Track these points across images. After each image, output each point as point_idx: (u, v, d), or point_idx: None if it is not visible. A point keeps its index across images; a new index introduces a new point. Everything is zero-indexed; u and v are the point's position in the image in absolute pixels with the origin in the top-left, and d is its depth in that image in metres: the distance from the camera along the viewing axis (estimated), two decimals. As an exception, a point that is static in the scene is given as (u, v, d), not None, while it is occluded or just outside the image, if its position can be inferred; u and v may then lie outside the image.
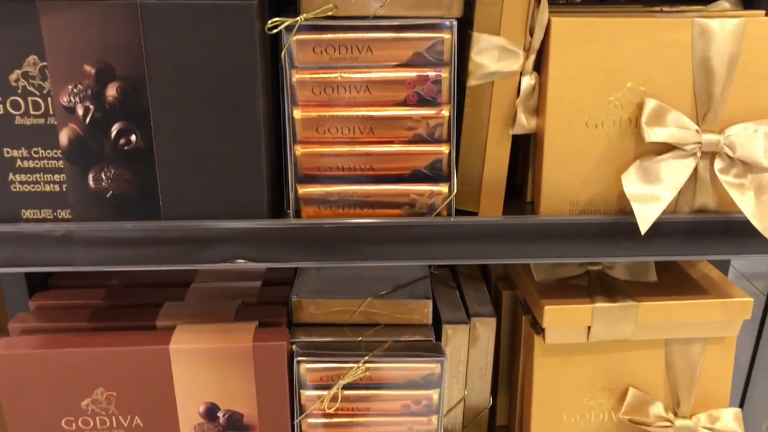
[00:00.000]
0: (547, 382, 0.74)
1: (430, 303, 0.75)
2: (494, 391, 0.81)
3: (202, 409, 0.70)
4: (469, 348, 0.77)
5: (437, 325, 0.76)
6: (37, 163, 0.59)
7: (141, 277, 0.80)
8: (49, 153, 0.59)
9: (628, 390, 0.74)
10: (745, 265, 1.13)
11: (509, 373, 0.83)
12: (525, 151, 0.70)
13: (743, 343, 0.83)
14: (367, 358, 0.70)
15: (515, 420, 0.82)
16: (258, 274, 0.81)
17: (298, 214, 0.63)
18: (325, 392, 0.70)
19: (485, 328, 0.76)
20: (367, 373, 0.70)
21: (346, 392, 0.71)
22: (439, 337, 0.75)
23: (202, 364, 0.69)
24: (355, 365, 0.70)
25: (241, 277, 0.81)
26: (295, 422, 0.72)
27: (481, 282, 0.85)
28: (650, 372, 0.75)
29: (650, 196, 0.61)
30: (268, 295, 0.78)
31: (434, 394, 0.72)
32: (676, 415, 0.75)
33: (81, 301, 0.76)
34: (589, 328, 0.71)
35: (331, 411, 0.71)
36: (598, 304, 0.70)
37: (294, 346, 0.71)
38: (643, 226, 0.60)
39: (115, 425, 0.70)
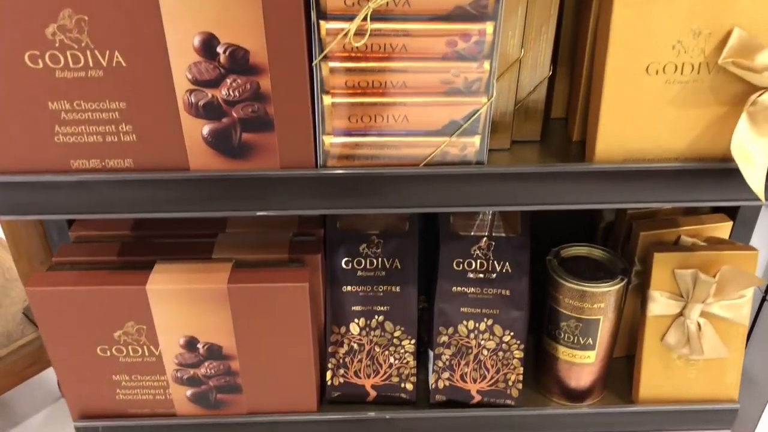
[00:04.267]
0: (628, 22, 0.57)
1: None
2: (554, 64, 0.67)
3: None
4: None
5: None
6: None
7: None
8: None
9: (731, 31, 0.57)
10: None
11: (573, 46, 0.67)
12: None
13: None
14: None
15: (577, 96, 0.66)
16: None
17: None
18: (349, 24, 0.54)
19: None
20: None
21: (377, 25, 0.55)
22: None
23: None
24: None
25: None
26: (313, 64, 0.57)
27: None
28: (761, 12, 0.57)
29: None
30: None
31: (488, 27, 0.55)
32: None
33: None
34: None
35: (358, 48, 0.56)
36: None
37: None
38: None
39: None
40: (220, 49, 0.55)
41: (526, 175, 0.61)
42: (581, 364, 0.78)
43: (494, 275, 0.76)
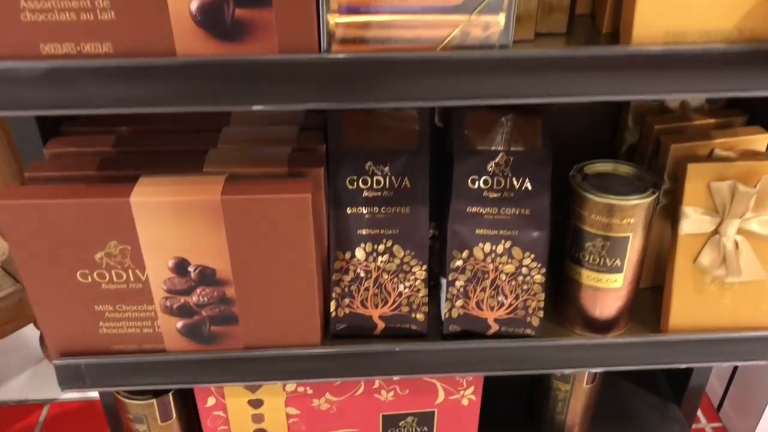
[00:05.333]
0: None
1: None
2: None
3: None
4: None
5: None
6: None
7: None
8: None
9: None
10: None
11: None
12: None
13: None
14: None
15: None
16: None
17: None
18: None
19: None
20: None
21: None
22: None
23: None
24: None
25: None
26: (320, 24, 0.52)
27: None
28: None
29: None
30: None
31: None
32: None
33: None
34: None
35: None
36: None
37: None
38: None
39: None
40: None
41: (559, 61, 0.54)
42: (607, 289, 0.71)
43: (512, 193, 0.70)
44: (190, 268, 0.65)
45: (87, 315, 0.68)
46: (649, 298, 0.79)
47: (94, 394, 1.20)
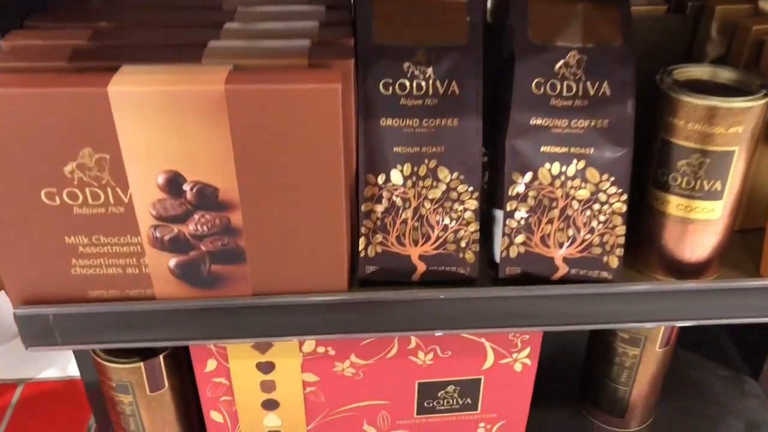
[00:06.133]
0: None
1: None
2: None
3: None
4: None
5: None
6: None
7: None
8: None
9: None
10: None
11: None
12: None
13: None
14: None
15: None
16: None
17: None
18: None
19: None
20: None
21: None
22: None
23: None
24: None
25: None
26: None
27: None
28: None
29: None
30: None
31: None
32: None
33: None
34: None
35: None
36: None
37: None
38: None
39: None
40: None
41: None
42: (700, 221, 0.58)
43: (587, 101, 0.56)
44: (186, 187, 0.51)
45: (55, 250, 0.54)
46: (739, 242, 0.66)
47: (74, 372, 1.06)
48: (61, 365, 1.07)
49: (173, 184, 0.51)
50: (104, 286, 0.56)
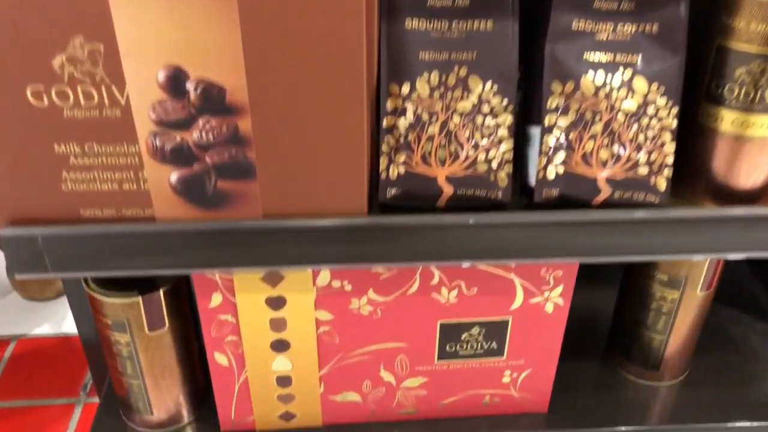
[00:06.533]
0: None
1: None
2: None
3: None
4: None
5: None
6: None
7: None
8: None
9: None
10: None
11: None
12: None
13: None
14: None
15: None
16: None
17: None
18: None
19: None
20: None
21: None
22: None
23: None
24: None
25: None
26: None
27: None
28: None
29: None
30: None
31: None
32: None
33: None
34: None
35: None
36: None
37: None
38: None
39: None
40: None
41: None
42: (758, 139, 0.52)
43: (634, 3, 0.51)
44: (189, 85, 0.46)
45: (44, 161, 0.48)
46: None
47: (69, 329, 1.01)
48: (56, 322, 1.02)
49: (175, 82, 0.45)
50: (98, 204, 0.51)
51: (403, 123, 0.52)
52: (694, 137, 0.55)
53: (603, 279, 0.81)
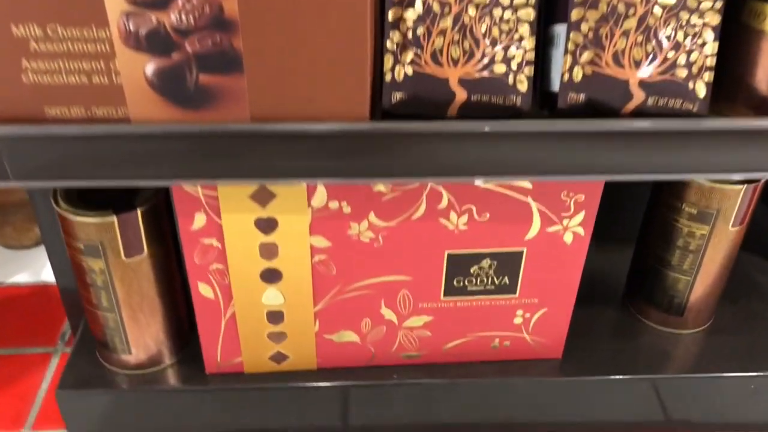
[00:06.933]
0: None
1: None
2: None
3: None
4: None
5: None
6: None
7: None
8: None
9: None
10: None
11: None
12: None
13: None
14: None
15: None
16: None
17: None
18: None
19: None
20: None
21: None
22: None
23: None
24: None
25: None
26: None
27: None
28: None
29: None
30: None
31: None
32: None
33: None
34: None
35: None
36: None
37: None
38: None
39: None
40: None
41: None
42: (812, 42, 0.46)
43: None
44: (166, -47, 0.40)
45: (1, 47, 0.42)
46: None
47: (48, 277, 0.95)
48: (34, 270, 0.97)
49: (150, -51, 0.39)
50: (65, 101, 0.45)
51: (411, 15, 0.46)
52: (734, 39, 0.49)
53: (622, 210, 0.75)
